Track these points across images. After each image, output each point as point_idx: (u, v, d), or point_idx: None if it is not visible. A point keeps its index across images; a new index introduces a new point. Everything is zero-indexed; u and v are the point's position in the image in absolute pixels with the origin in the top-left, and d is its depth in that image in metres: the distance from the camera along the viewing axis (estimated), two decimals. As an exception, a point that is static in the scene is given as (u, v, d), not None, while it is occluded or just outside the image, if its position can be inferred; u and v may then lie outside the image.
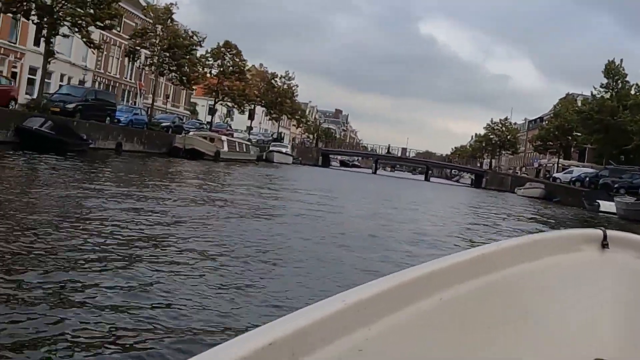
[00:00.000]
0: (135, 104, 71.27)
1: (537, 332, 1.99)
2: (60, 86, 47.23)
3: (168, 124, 56.45)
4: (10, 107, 34.46)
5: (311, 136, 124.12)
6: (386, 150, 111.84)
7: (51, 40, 39.54)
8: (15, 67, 53.06)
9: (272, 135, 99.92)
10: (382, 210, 24.81)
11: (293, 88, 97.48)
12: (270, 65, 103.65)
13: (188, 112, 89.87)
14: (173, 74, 57.20)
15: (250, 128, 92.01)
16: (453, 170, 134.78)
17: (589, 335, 2.10)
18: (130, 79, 73.07)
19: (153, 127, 52.53)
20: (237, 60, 72.18)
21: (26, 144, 30.75)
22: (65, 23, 38.66)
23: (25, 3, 37.63)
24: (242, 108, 75.79)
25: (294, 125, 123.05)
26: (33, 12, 38.34)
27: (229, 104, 76.00)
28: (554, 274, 2.11)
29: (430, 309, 1.68)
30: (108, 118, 43.59)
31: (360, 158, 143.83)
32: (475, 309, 1.84)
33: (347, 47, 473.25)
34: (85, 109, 40.14)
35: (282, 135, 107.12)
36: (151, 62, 55.90)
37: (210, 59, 71.01)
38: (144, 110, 55.97)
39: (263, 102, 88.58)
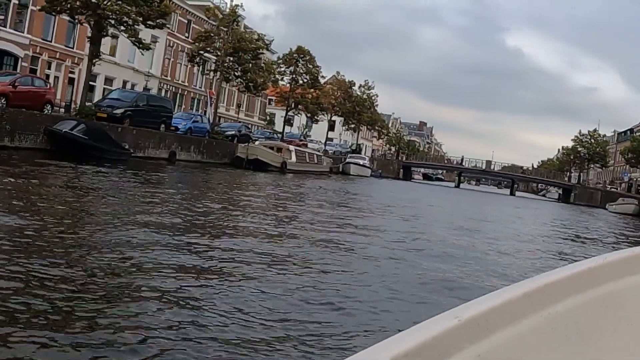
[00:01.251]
0: (205, 114, 68.29)
1: None
2: (111, 91, 43.73)
3: (233, 132, 52.75)
4: (46, 111, 31.09)
5: (392, 148, 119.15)
6: (470, 164, 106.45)
7: (97, 40, 36.26)
8: (72, 72, 50.34)
9: (350, 146, 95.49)
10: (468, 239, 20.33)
11: (373, 98, 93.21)
12: (353, 77, 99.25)
13: (263, 122, 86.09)
14: (239, 79, 53.40)
15: (329, 139, 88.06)
16: (539, 185, 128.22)
17: None
18: (200, 87, 69.81)
19: (216, 136, 48.89)
20: (311, 66, 68.17)
21: (57, 150, 27.49)
22: (111, 21, 35.27)
23: (69, 1, 34.52)
24: (315, 117, 71.60)
25: (374, 137, 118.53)
26: (78, 11, 35.23)
27: (302, 113, 71.98)
28: None
29: (538, 324, 1.62)
30: (163, 125, 40.14)
31: (444, 171, 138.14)
32: (584, 324, 1.78)
33: (432, 59, 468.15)
34: (135, 115, 36.96)
35: (361, 147, 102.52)
36: (216, 67, 52.20)
37: (282, 65, 67.30)
38: (205, 117, 52.35)
39: (340, 111, 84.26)
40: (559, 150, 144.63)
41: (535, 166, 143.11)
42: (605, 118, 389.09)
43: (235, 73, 52.45)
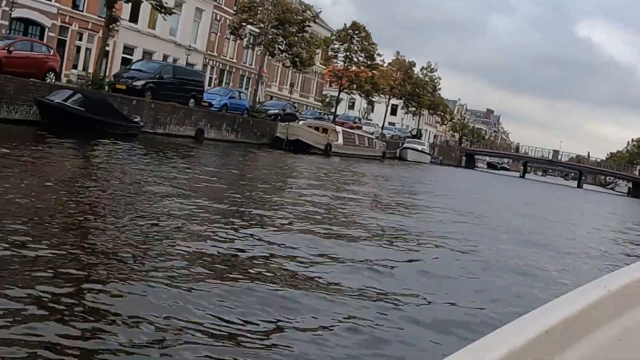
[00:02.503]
0: (256, 93, 64.53)
1: None
2: (135, 62, 39.99)
3: (276, 111, 48.52)
4: (48, 80, 27.52)
5: (456, 135, 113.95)
6: (537, 153, 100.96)
7: (112, 3, 32.71)
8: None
9: (410, 131, 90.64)
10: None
11: (435, 80, 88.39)
12: (421, 63, 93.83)
13: (319, 104, 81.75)
14: (284, 54, 49.33)
15: (390, 124, 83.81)
16: (608, 178, 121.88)
17: None
18: (250, 65, 65.91)
19: (256, 115, 44.97)
20: (366, 44, 63.59)
21: (49, 122, 23.98)
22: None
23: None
24: (370, 98, 67.14)
25: (438, 122, 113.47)
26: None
27: (355, 93, 67.59)
28: None
29: None
30: (192, 100, 36.44)
31: (510, 160, 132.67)
32: None
33: (502, 48, 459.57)
34: (158, 88, 33.46)
35: (422, 132, 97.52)
36: (260, 40, 48.20)
37: (336, 42, 63.02)
38: (245, 93, 48.43)
39: (399, 93, 79.58)
40: (628, 142, 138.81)
41: (604, 158, 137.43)
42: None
43: (280, 47, 48.38)
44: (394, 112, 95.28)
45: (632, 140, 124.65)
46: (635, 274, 1.43)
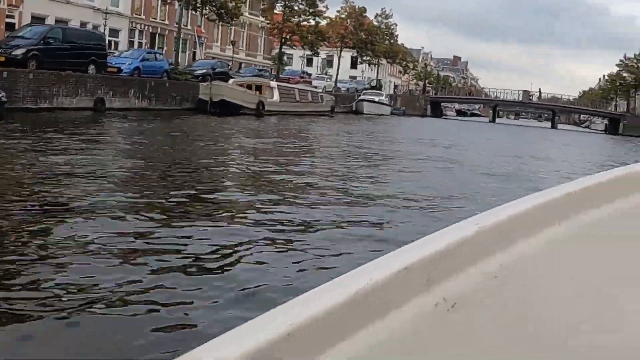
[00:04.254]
0: (194, 55, 59.73)
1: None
2: (21, 28, 34.99)
3: (204, 71, 43.75)
4: None
5: (421, 84, 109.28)
6: (507, 96, 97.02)
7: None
8: (11, 15, 42.12)
9: (369, 82, 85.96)
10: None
11: (391, 27, 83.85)
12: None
13: (269, 63, 76.72)
14: (208, 6, 44.49)
15: (352, 77, 79.18)
16: (582, 116, 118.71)
17: None
18: (186, 26, 60.94)
19: (179, 77, 40.31)
20: (307, -11, 58.62)
21: None
22: None
23: None
24: (315, 50, 62.48)
25: (400, 72, 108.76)
26: None
27: (298, 47, 62.92)
28: None
29: (569, 232, 1.57)
30: (93, 66, 31.87)
31: (482, 106, 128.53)
32: (620, 231, 1.70)
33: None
34: (44, 55, 28.88)
35: (382, 83, 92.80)
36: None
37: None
38: (161, 54, 43.70)
39: (351, 42, 74.78)
40: (600, 79, 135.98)
41: (577, 97, 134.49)
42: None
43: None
44: (354, 65, 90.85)
45: (605, 76, 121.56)
46: (507, 211, 1.43)
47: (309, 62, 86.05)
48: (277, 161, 17.91)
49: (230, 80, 42.18)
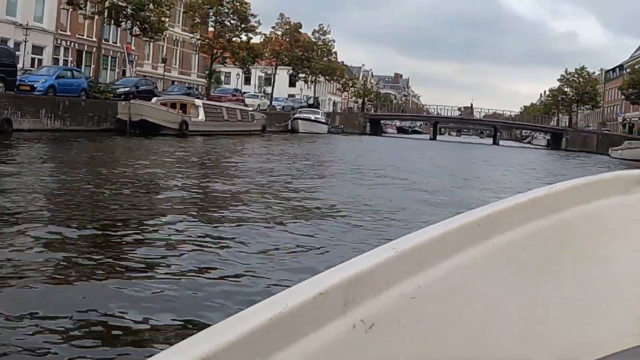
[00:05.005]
0: (124, 73, 57.89)
1: (592, 276, 1.88)
2: None
3: (127, 89, 41.93)
4: None
5: (360, 101, 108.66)
6: (447, 112, 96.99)
7: None
8: None
9: (306, 100, 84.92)
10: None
11: (329, 44, 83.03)
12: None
13: (204, 81, 74.99)
14: (130, 20, 42.86)
15: (290, 95, 78.26)
16: (524, 131, 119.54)
17: None
18: (115, 43, 59.18)
19: (98, 95, 38.55)
20: (237, 4, 57.14)
21: None
22: None
23: None
24: (246, 67, 61.21)
25: (338, 89, 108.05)
26: None
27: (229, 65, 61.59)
28: (613, 215, 1.96)
29: (483, 255, 1.62)
30: (1, 84, 30.09)
31: (423, 123, 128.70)
32: (529, 254, 1.75)
33: (411, 14, 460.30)
34: None
35: (319, 101, 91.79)
36: (100, 8, 41.47)
37: (205, 6, 56.51)
38: (80, 72, 41.88)
39: (286, 59, 73.65)
40: (541, 95, 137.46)
41: (518, 113, 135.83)
42: (587, 63, 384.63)
43: (125, 12, 41.85)
44: (292, 83, 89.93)
45: (546, 91, 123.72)
46: (423, 236, 1.47)
47: (247, 80, 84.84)
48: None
49: (154, 99, 40.39)
